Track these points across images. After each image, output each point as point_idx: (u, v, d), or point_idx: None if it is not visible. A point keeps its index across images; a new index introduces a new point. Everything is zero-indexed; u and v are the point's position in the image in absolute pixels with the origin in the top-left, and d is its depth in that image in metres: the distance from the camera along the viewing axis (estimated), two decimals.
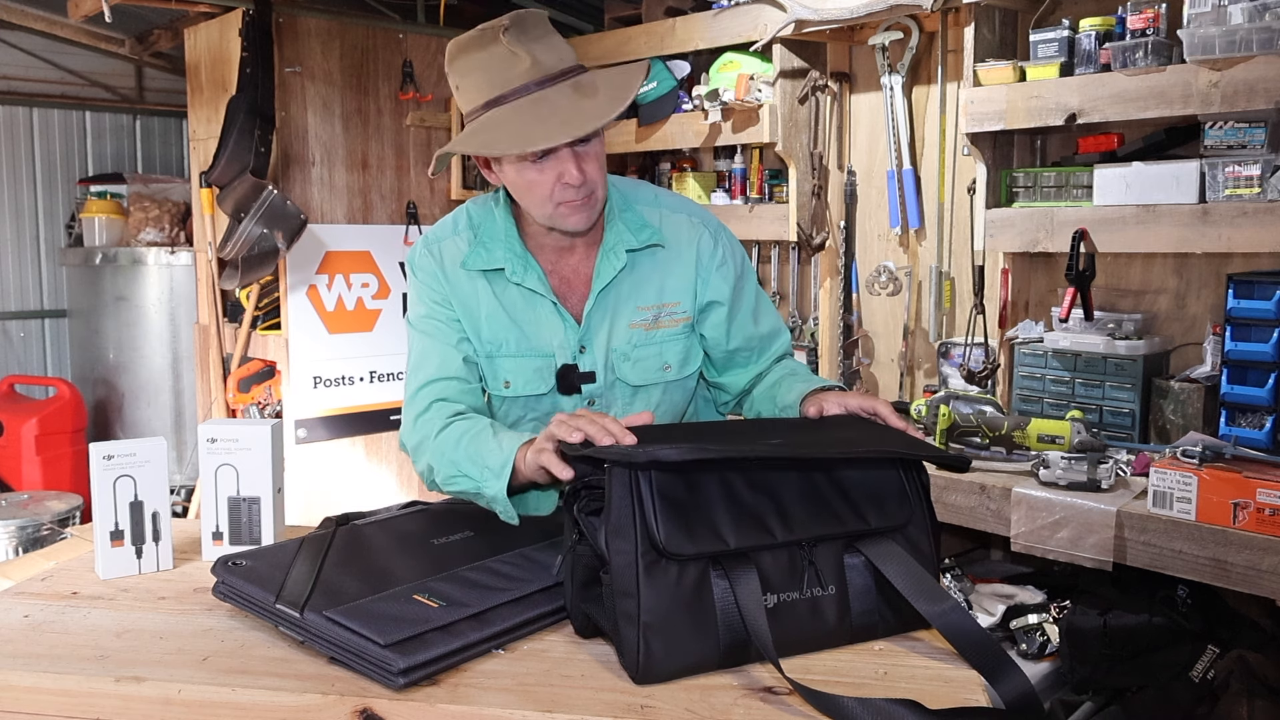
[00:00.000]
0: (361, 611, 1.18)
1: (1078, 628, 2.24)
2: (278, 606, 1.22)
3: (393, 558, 1.37)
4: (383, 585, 1.26)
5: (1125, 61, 2.32)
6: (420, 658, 1.13)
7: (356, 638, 1.14)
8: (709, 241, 1.71)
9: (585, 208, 1.56)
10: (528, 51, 1.48)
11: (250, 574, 1.30)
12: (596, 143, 1.55)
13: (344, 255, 3.96)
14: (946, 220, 3.00)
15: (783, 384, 1.67)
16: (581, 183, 1.52)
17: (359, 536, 1.45)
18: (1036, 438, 2.31)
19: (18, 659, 1.20)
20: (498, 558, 1.36)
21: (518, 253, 1.65)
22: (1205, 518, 1.97)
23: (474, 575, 1.30)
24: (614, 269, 1.64)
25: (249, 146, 3.51)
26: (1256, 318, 2.19)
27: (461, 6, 4.27)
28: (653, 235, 1.66)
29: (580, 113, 1.47)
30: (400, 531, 1.47)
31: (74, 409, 4.46)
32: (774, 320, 1.81)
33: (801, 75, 3.13)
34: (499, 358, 1.66)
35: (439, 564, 1.33)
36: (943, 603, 1.17)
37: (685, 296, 1.70)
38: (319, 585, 1.25)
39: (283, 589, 1.25)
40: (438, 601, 1.21)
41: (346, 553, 1.38)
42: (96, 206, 4.68)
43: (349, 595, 1.23)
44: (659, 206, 1.72)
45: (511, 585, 1.29)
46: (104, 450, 1.46)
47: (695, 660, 1.14)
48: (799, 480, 1.23)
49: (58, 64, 4.95)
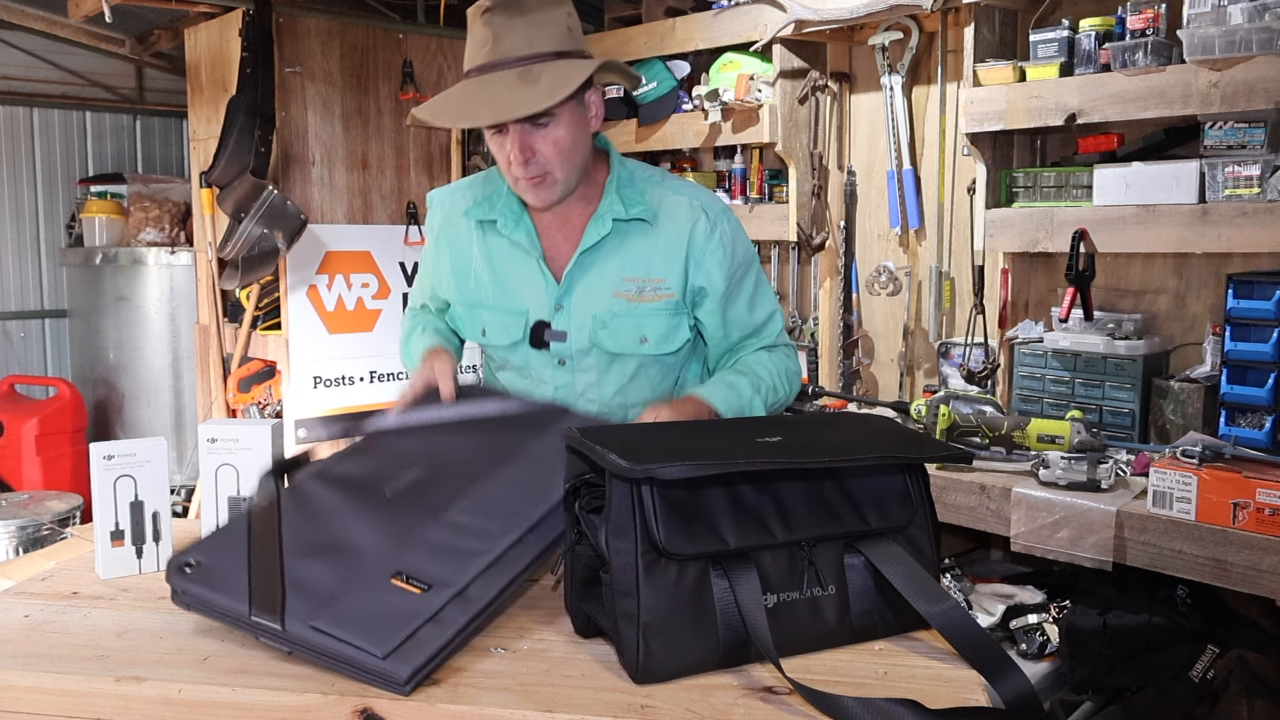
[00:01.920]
0: (347, 616, 1.15)
1: (1077, 628, 2.24)
2: (254, 619, 1.17)
3: (350, 524, 1.30)
4: (352, 566, 1.22)
5: (1125, 61, 2.32)
6: (419, 659, 1.12)
7: (351, 649, 1.12)
8: (705, 227, 1.72)
9: (539, 186, 1.65)
10: (494, 33, 1.59)
11: (209, 578, 1.23)
12: (556, 127, 1.61)
13: (344, 255, 3.96)
14: (946, 220, 3.00)
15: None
16: (524, 163, 1.61)
17: (306, 501, 1.35)
18: (1036, 438, 2.31)
19: (18, 659, 1.20)
20: (456, 507, 1.33)
21: (514, 209, 1.75)
22: (1205, 518, 1.97)
23: (442, 538, 1.27)
24: (598, 234, 1.70)
25: (249, 146, 3.51)
26: (1256, 318, 2.19)
27: (462, 6, 4.27)
28: (642, 211, 1.71)
29: (514, 98, 1.56)
30: (346, 482, 1.39)
31: (74, 409, 4.45)
32: (769, 308, 1.83)
33: (801, 75, 3.13)
34: (480, 307, 1.79)
35: (400, 525, 1.29)
36: (943, 603, 1.17)
37: (673, 275, 1.71)
38: (286, 581, 1.19)
39: (252, 594, 1.19)
40: (418, 586, 1.20)
41: (301, 526, 1.29)
42: (97, 206, 4.67)
43: (322, 588, 1.19)
44: (662, 187, 1.75)
45: (482, 544, 1.26)
46: (104, 450, 1.46)
47: (695, 660, 1.14)
48: (800, 481, 1.23)
49: (58, 64, 4.95)
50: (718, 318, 1.75)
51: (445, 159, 4.25)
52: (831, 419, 1.47)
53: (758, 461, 1.17)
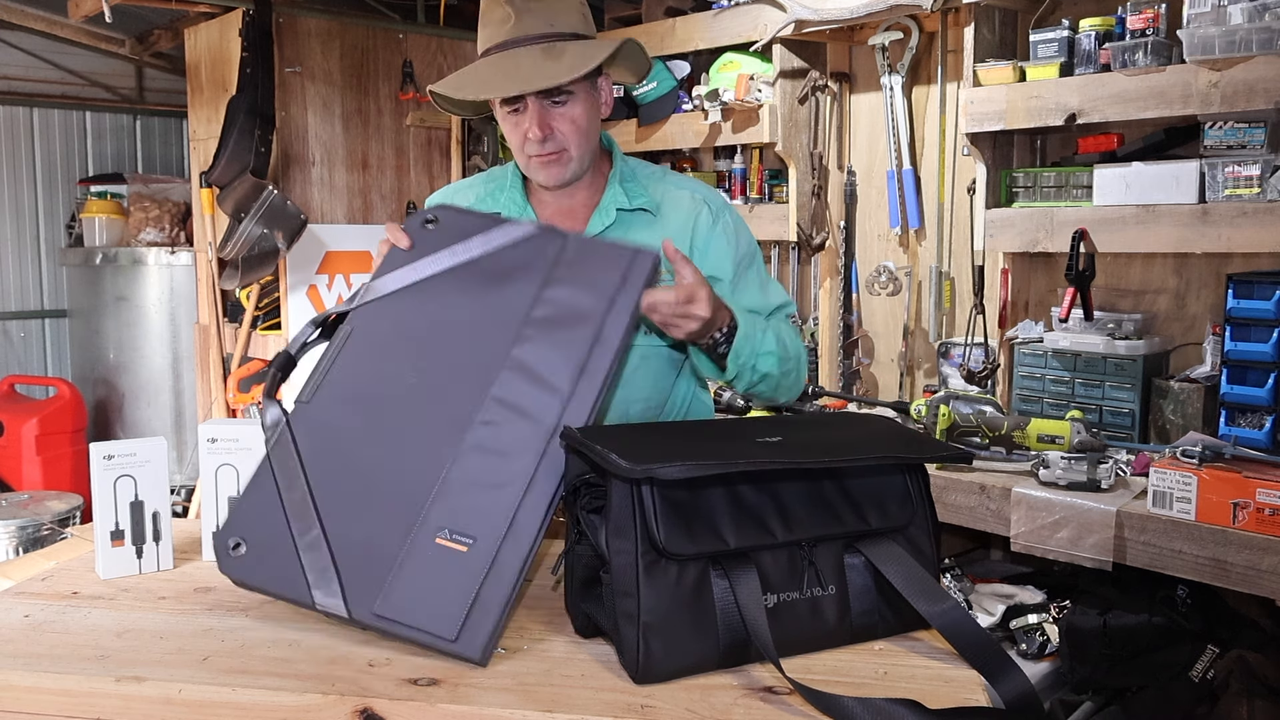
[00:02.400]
0: (407, 597, 1.17)
1: (1077, 628, 2.24)
2: (319, 607, 1.21)
3: (373, 455, 1.27)
4: (390, 514, 1.22)
5: (1125, 62, 2.32)
6: (488, 626, 1.15)
7: (422, 634, 1.16)
8: (708, 217, 1.74)
9: (554, 164, 1.66)
10: (514, 11, 1.60)
11: (261, 560, 1.24)
12: (574, 105, 1.63)
13: (344, 255, 3.96)
14: (946, 220, 3.00)
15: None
16: (542, 139, 1.62)
17: (320, 431, 1.30)
18: (1036, 438, 2.31)
19: (18, 659, 1.20)
20: (475, 423, 1.27)
21: (518, 201, 1.76)
22: (1205, 518, 1.97)
23: (472, 469, 1.24)
24: (602, 224, 1.70)
25: (249, 146, 3.52)
26: (1256, 318, 2.19)
27: (461, 6, 4.27)
28: (645, 202, 1.72)
29: (539, 71, 1.57)
30: (353, 398, 1.33)
31: (74, 409, 4.46)
32: (783, 294, 1.83)
33: (801, 75, 3.13)
34: None
35: (421, 446, 1.26)
36: (943, 603, 1.17)
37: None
38: (335, 555, 1.21)
39: (308, 577, 1.21)
40: (463, 542, 1.19)
41: (326, 470, 1.27)
42: (97, 206, 4.68)
43: (371, 554, 1.20)
44: (664, 182, 1.77)
45: (508, 464, 1.23)
46: (104, 450, 1.46)
47: (695, 660, 1.14)
48: (800, 481, 1.22)
49: (58, 64, 4.95)
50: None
51: (445, 159, 4.25)
52: (831, 419, 1.47)
53: (758, 462, 1.17)
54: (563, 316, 1.36)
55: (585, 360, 1.32)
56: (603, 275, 1.39)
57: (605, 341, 1.33)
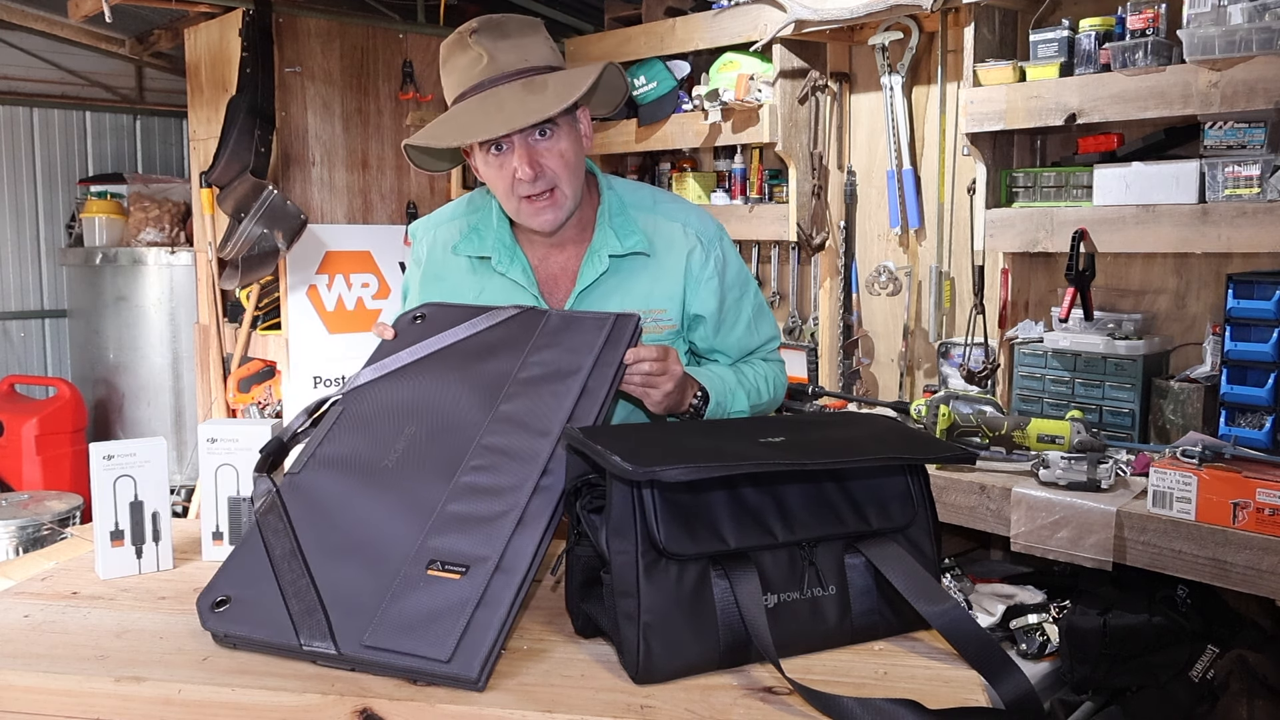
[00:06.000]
0: (398, 624, 1.14)
1: (1077, 628, 2.24)
2: (307, 649, 1.15)
3: (364, 511, 1.27)
4: (383, 561, 1.20)
5: (1125, 61, 2.32)
6: (483, 649, 1.11)
7: (415, 660, 1.11)
8: (700, 255, 1.72)
9: (550, 207, 1.61)
10: (487, 51, 1.55)
11: (246, 613, 1.20)
12: (559, 139, 1.58)
13: (344, 255, 3.96)
14: (946, 220, 3.00)
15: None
16: (533, 178, 1.57)
17: (310, 495, 1.31)
18: (1036, 438, 2.31)
19: (18, 659, 1.20)
20: (464, 466, 1.28)
21: (506, 244, 1.70)
22: (1205, 518, 1.97)
23: (462, 508, 1.24)
24: (596, 272, 1.67)
25: (249, 146, 3.52)
26: (1256, 318, 2.19)
27: (461, 6, 4.28)
28: (638, 244, 1.68)
29: (523, 107, 1.52)
30: (342, 464, 1.34)
31: (74, 409, 4.46)
32: (770, 331, 1.85)
33: (801, 75, 3.13)
34: None
35: (414, 498, 1.26)
36: (943, 603, 1.17)
37: (672, 305, 1.71)
38: (322, 597, 1.19)
39: (295, 621, 1.16)
40: (455, 570, 1.18)
41: (314, 526, 1.26)
42: (97, 206, 4.68)
43: (362, 595, 1.17)
44: (655, 213, 1.73)
45: (501, 504, 1.23)
46: (104, 450, 1.46)
47: (695, 660, 1.14)
48: (801, 481, 1.22)
49: (58, 64, 4.95)
50: (710, 343, 1.77)
51: None
52: (833, 419, 1.47)
53: (762, 463, 1.16)
54: (548, 375, 1.40)
55: (573, 409, 1.36)
56: (586, 338, 1.44)
57: (592, 394, 1.38)
